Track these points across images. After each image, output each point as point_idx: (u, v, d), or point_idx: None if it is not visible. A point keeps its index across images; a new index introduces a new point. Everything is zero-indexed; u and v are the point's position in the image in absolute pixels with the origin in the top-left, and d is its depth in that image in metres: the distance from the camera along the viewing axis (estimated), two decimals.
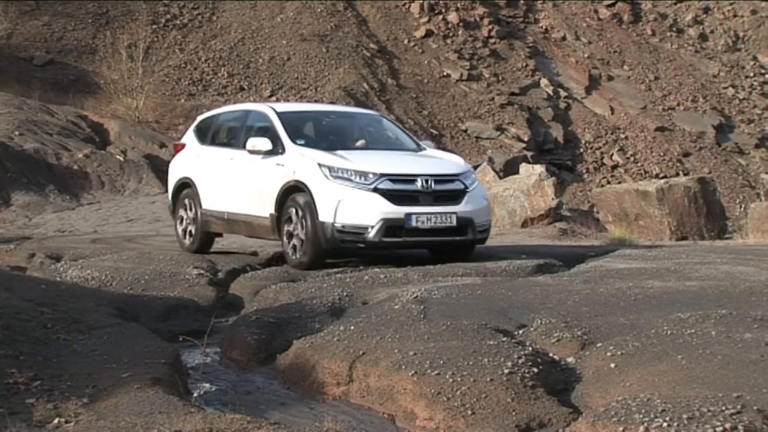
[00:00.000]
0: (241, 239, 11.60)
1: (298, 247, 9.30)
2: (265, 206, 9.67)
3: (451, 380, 4.99)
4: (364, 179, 9.02)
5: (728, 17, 40.96)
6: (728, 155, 35.97)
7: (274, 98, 30.44)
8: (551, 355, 5.58)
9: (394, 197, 9.00)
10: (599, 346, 5.50)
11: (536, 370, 5.12)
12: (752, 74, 39.22)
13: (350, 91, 31.35)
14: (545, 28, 38.71)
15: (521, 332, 6.04)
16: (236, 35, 33.45)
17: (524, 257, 9.49)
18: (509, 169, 26.86)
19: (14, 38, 30.47)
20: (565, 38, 38.45)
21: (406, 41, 35.79)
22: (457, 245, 9.43)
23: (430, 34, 36.09)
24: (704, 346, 5.19)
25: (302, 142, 9.77)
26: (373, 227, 8.93)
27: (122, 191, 22.10)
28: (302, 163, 9.34)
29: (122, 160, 23.51)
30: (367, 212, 8.94)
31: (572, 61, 37.66)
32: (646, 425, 4.11)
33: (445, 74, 34.98)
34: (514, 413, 4.73)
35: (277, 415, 5.14)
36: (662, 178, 26.65)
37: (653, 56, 38.70)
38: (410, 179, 9.15)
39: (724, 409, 4.20)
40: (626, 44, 38.82)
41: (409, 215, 8.98)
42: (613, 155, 34.67)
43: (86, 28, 31.66)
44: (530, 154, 31.87)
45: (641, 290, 7.07)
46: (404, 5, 36.91)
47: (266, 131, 10.00)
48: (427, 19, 36.40)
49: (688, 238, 14.87)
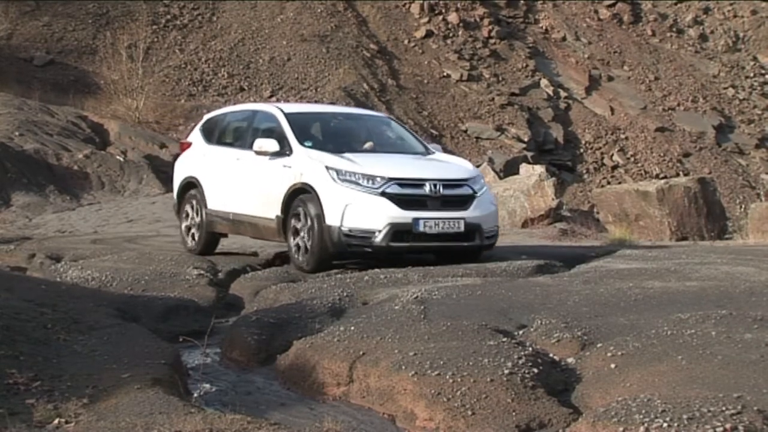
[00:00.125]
0: (240, 239, 11.60)
1: (304, 250, 9.23)
2: (271, 208, 9.60)
3: (451, 381, 4.99)
4: (371, 183, 8.95)
5: (728, 17, 40.96)
6: (728, 155, 35.97)
7: (274, 99, 30.42)
8: (551, 355, 5.58)
9: (401, 202, 8.94)
10: (599, 346, 5.50)
11: (536, 370, 5.12)
12: (752, 74, 39.22)
13: (350, 91, 31.34)
14: (545, 28, 38.70)
15: (521, 333, 6.05)
16: (236, 36, 33.45)
17: (524, 258, 9.48)
18: (509, 169, 26.86)
19: (14, 39, 30.47)
20: (565, 38, 38.45)
21: (406, 42, 35.79)
22: (464, 251, 9.36)
23: (430, 34, 36.09)
24: (704, 346, 5.19)
25: (310, 143, 9.69)
26: (380, 232, 8.87)
27: (122, 192, 22.10)
28: (310, 165, 9.27)
29: (122, 160, 23.51)
30: (374, 216, 8.87)
31: (572, 61, 37.66)
32: (646, 426, 4.12)
33: (445, 75, 34.97)
34: (514, 413, 4.73)
35: (277, 415, 5.14)
36: (662, 178, 26.67)
37: (653, 56, 38.70)
38: (418, 184, 9.08)
39: (724, 409, 4.20)
40: (626, 44, 38.82)
41: (416, 220, 8.92)
42: (613, 155, 34.67)
43: (86, 28, 31.66)
44: (530, 154, 31.87)
45: (641, 291, 7.07)
46: (404, 6, 36.91)
47: (273, 132, 9.94)
48: (427, 19, 36.40)
49: (688, 238, 14.87)
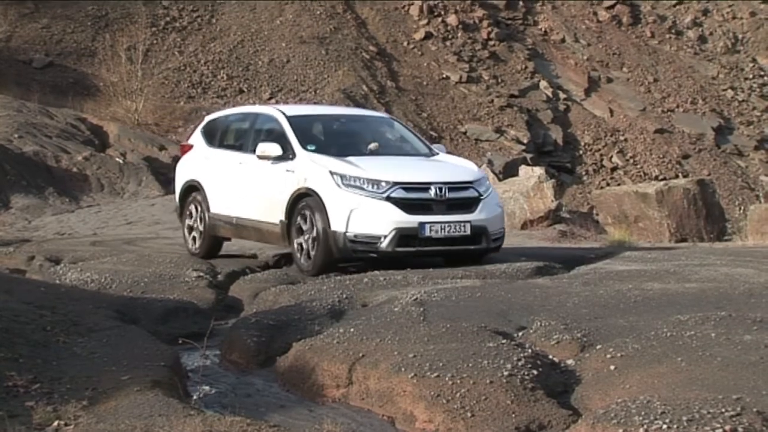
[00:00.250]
0: (239, 241, 11.60)
1: (308, 255, 9.17)
2: (275, 213, 9.54)
3: (450, 382, 4.99)
4: (376, 188, 8.89)
5: (727, 19, 40.97)
6: (727, 157, 35.97)
7: (273, 101, 30.42)
8: (551, 357, 5.58)
9: (407, 206, 8.88)
10: (599, 348, 5.50)
11: (536, 372, 5.12)
12: (751, 76, 39.22)
13: (349, 93, 31.33)
14: (544, 30, 38.70)
15: (521, 334, 6.05)
16: (235, 38, 33.44)
17: (524, 259, 9.48)
18: (508, 171, 26.81)
19: (13, 41, 30.45)
20: (564, 40, 38.45)
21: (405, 43, 35.79)
22: (470, 254, 9.32)
23: (429, 36, 36.08)
24: (704, 348, 5.19)
25: (313, 147, 9.60)
26: (386, 237, 8.81)
27: (122, 194, 22.09)
28: (313, 170, 9.20)
29: (122, 162, 23.50)
30: (379, 221, 8.82)
31: (571, 63, 37.66)
32: (645, 427, 4.12)
33: (444, 76, 34.97)
34: (513, 415, 4.73)
35: (276, 417, 5.14)
36: (662, 180, 26.69)
37: (652, 58, 38.71)
38: (423, 187, 9.02)
39: (723, 411, 4.20)
40: (625, 46, 38.82)
41: (422, 224, 8.86)
42: (612, 157, 34.67)
43: (85, 30, 31.64)
44: (529, 156, 31.83)
45: (641, 292, 7.07)
46: (403, 7, 36.90)
47: (276, 135, 9.88)
48: (426, 21, 36.39)
49: (687, 240, 14.87)
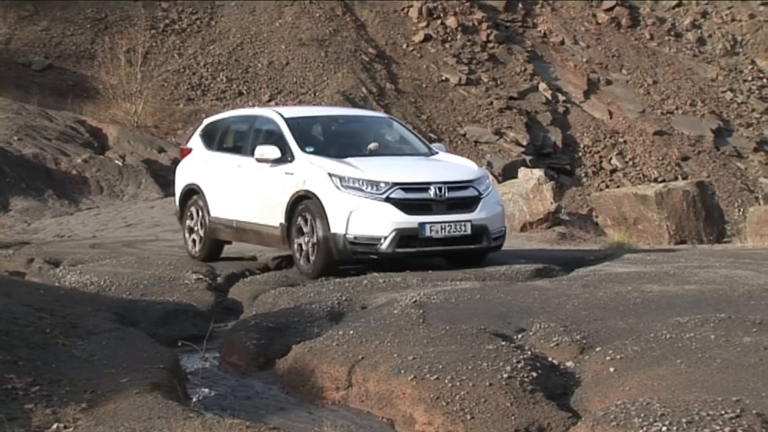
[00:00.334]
0: (239, 244, 11.59)
1: (308, 257, 9.15)
2: (274, 216, 9.52)
3: (450, 385, 4.99)
4: (375, 189, 8.85)
5: (726, 21, 40.99)
6: (727, 159, 35.97)
7: (273, 103, 30.41)
8: (550, 359, 5.58)
9: (406, 206, 8.85)
10: (598, 350, 5.50)
11: (535, 374, 5.12)
12: (750, 78, 39.24)
13: (349, 95, 31.33)
14: (543, 32, 38.71)
15: (520, 336, 6.05)
16: (235, 40, 33.45)
17: (523, 261, 9.48)
18: (508, 173, 26.86)
19: (13, 43, 30.46)
20: (563, 42, 38.47)
21: (404, 46, 35.80)
22: (471, 253, 9.31)
23: (428, 38, 36.08)
24: (703, 350, 5.19)
25: (311, 149, 9.58)
26: (386, 238, 8.78)
27: (121, 196, 22.09)
28: (312, 172, 9.17)
29: (121, 165, 23.50)
30: (379, 223, 8.78)
31: (571, 65, 37.68)
32: (645, 429, 4.12)
33: (443, 79, 34.97)
34: (513, 418, 4.73)
35: (276, 420, 5.14)
36: (661, 182, 26.68)
37: (651, 60, 38.72)
38: (423, 187, 8.99)
39: (723, 413, 4.21)
40: (624, 48, 38.84)
41: (422, 225, 8.83)
42: (611, 159, 34.67)
43: (85, 33, 31.65)
44: (529, 158, 31.86)
45: (640, 294, 7.07)
46: (403, 10, 36.91)
47: (274, 138, 9.86)
48: (425, 23, 36.40)
49: (686, 242, 14.87)
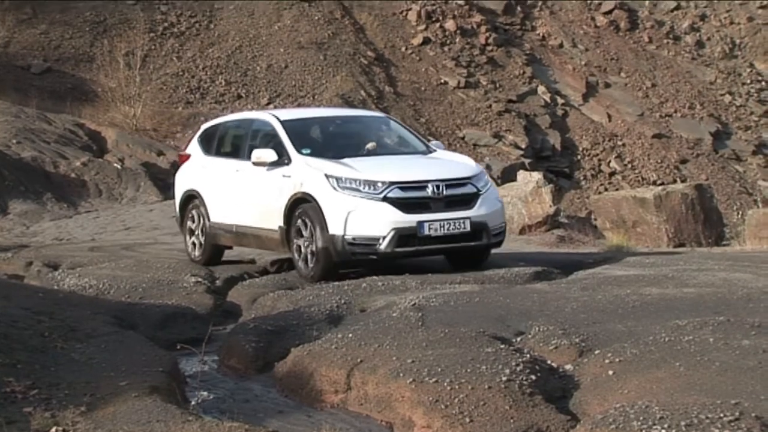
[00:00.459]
0: (238, 247, 11.59)
1: (308, 260, 9.14)
2: (273, 219, 9.51)
3: (449, 388, 4.99)
4: (373, 189, 8.83)
5: (725, 24, 41.02)
6: (725, 162, 35.99)
7: (272, 106, 30.41)
8: (549, 362, 5.58)
9: (404, 205, 8.83)
10: (597, 353, 5.50)
11: (534, 377, 5.12)
12: (749, 81, 39.25)
13: (348, 98, 31.34)
14: (542, 35, 38.74)
15: (519, 339, 6.05)
16: (234, 43, 33.46)
17: (522, 264, 9.47)
18: (507, 176, 26.88)
19: (11, 46, 30.46)
20: (562, 45, 38.49)
21: (403, 49, 35.81)
22: (471, 251, 9.30)
23: (427, 41, 36.10)
24: (702, 353, 5.19)
25: (308, 151, 9.56)
26: (384, 238, 8.76)
27: (120, 199, 22.08)
28: (309, 174, 9.16)
29: (120, 168, 23.49)
30: (377, 223, 8.76)
31: (569, 68, 37.70)
32: None
33: (442, 82, 34.99)
34: (512, 421, 4.73)
35: (275, 423, 5.14)
36: (660, 185, 26.68)
37: (650, 63, 38.74)
38: (420, 186, 8.96)
39: (722, 416, 4.20)
40: (623, 51, 38.86)
41: (421, 223, 8.80)
42: (610, 162, 34.68)
43: (83, 36, 31.65)
44: (528, 161, 31.86)
45: (639, 297, 7.07)
46: (401, 13, 36.93)
47: (271, 141, 9.85)
48: (424, 26, 36.42)
49: (685, 244, 14.88)
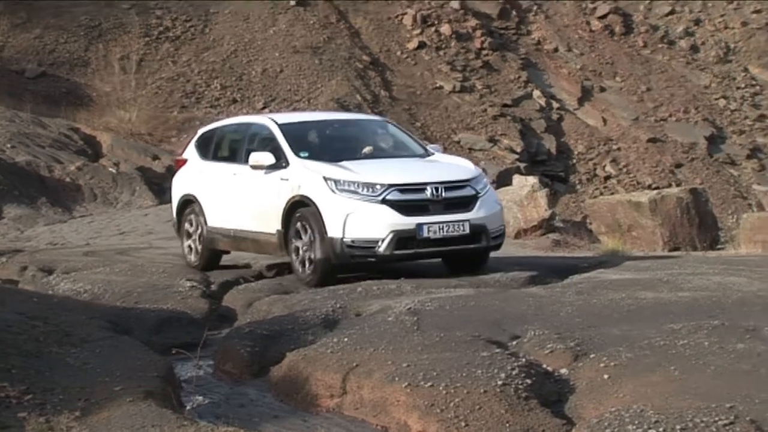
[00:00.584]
0: (233, 251, 11.58)
1: (307, 263, 9.11)
2: (271, 223, 9.47)
3: (444, 392, 4.99)
4: (371, 191, 8.81)
5: (719, 29, 41.12)
6: (720, 166, 36.05)
7: (267, 110, 30.40)
8: (544, 366, 5.58)
9: (403, 208, 8.80)
10: (592, 357, 5.50)
11: (530, 381, 5.12)
12: (743, 85, 39.34)
13: (343, 102, 31.35)
14: (537, 39, 38.79)
15: (514, 343, 6.05)
16: (229, 47, 33.45)
17: (517, 268, 9.47)
18: (502, 180, 26.85)
19: (6, 51, 30.42)
20: (557, 50, 38.55)
21: (398, 53, 35.83)
22: (470, 253, 9.30)
23: (422, 45, 36.12)
24: (697, 356, 5.20)
25: (306, 154, 9.53)
26: (383, 240, 8.73)
27: (115, 204, 22.04)
28: (307, 176, 9.13)
29: (115, 172, 23.46)
30: (376, 225, 8.74)
31: (564, 72, 37.75)
32: None
33: (437, 86, 35.01)
34: (507, 425, 4.73)
35: (270, 427, 5.13)
36: (655, 189, 26.70)
37: (645, 67, 38.81)
38: (419, 188, 8.95)
39: (717, 419, 4.21)
40: (618, 56, 38.93)
41: (420, 225, 8.79)
42: (605, 166, 34.72)
43: (78, 40, 31.62)
44: (523, 165, 31.86)
45: (634, 301, 7.08)
46: (397, 17, 36.96)
47: (268, 144, 9.82)
48: (419, 31, 36.45)
49: (680, 248, 14.89)
